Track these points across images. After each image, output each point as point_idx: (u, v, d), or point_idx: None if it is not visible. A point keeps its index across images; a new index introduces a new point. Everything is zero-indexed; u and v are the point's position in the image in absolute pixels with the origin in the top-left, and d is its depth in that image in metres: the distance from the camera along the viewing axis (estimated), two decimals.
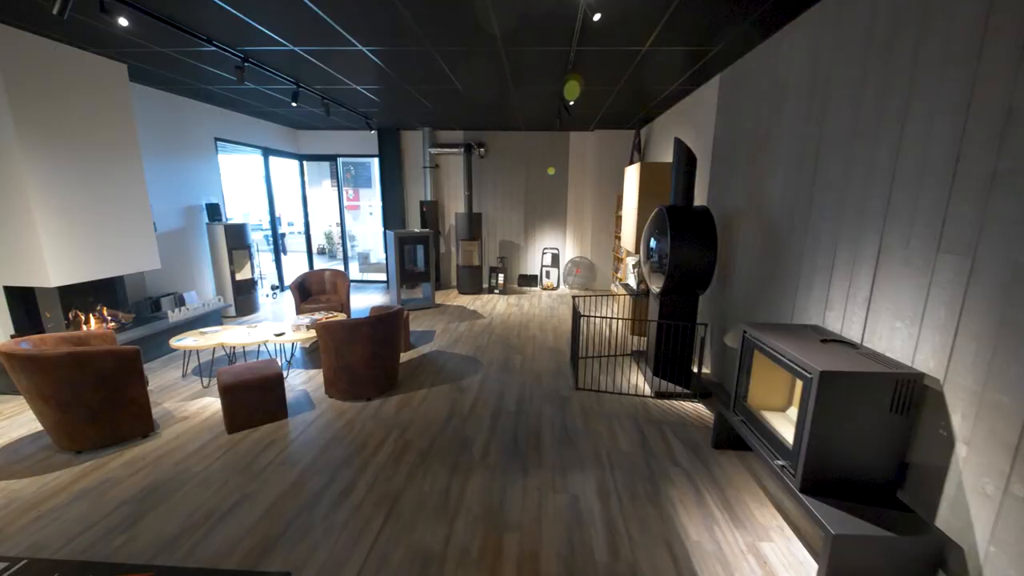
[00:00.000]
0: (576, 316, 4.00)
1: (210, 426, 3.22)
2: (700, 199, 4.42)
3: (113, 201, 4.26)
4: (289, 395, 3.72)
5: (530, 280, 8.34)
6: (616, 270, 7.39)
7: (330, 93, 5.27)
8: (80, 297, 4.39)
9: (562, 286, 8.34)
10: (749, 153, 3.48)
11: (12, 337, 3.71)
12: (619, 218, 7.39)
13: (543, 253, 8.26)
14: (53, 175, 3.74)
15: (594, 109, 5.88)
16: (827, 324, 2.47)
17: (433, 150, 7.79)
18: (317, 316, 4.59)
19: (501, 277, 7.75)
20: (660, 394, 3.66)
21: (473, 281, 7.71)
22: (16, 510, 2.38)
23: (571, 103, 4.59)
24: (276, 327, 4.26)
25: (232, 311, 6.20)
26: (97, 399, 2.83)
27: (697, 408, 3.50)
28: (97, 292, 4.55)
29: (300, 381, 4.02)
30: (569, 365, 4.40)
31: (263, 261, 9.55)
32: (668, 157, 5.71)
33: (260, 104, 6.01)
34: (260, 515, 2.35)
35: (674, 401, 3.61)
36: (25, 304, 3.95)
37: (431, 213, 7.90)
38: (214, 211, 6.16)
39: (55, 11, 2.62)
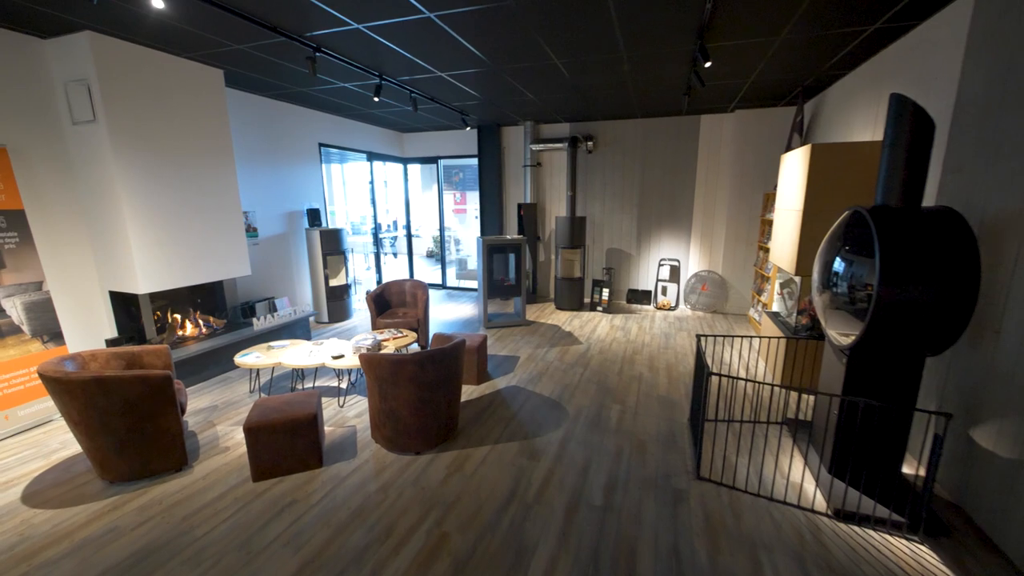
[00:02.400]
0: (703, 371, 2.77)
1: (240, 467, 2.79)
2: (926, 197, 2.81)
3: (205, 208, 4.25)
4: (335, 432, 3.19)
5: (641, 297, 7.02)
6: (759, 292, 5.72)
7: (416, 85, 4.76)
8: (179, 301, 4.51)
9: (682, 305, 6.86)
10: None
11: (107, 342, 3.81)
12: (766, 223, 5.71)
13: (659, 265, 6.87)
14: (145, 184, 3.76)
15: (739, 77, 4.44)
16: None
17: (535, 146, 6.97)
18: (384, 336, 4.07)
19: (606, 292, 6.60)
20: (844, 514, 2.26)
21: (573, 295, 6.70)
22: (14, 558, 2.11)
23: (707, 64, 3.32)
24: (340, 346, 3.82)
25: (324, 317, 6.15)
26: (124, 428, 2.54)
27: (919, 555, 2.04)
28: (197, 296, 4.66)
29: (354, 413, 3.48)
30: (688, 430, 3.16)
31: (372, 264, 9.83)
32: (852, 136, 4.02)
33: (357, 105, 5.82)
34: None
35: (871, 532, 2.19)
36: (127, 308, 4.09)
37: (529, 217, 7.10)
38: (315, 216, 6.16)
39: None
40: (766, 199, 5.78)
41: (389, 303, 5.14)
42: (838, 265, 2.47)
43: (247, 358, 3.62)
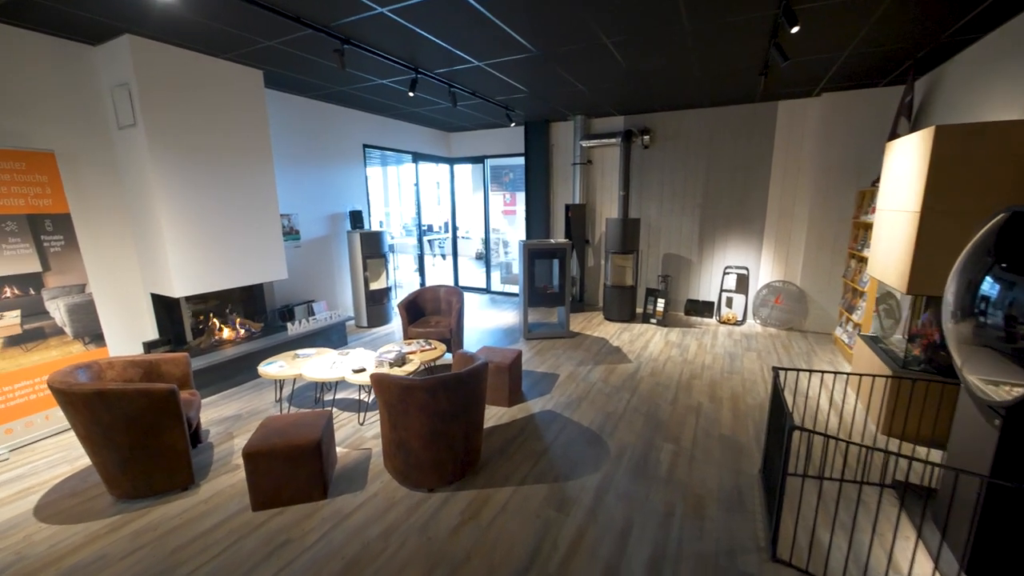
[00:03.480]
0: (780, 414, 2.17)
1: (245, 491, 2.59)
2: None
3: (242, 211, 4.20)
4: (348, 456, 2.92)
5: (702, 308, 6.26)
6: (849, 309, 4.82)
7: (455, 78, 4.45)
8: (220, 303, 4.51)
9: (750, 320, 6.03)
10: None
11: (144, 345, 3.84)
12: (860, 226, 4.81)
13: (725, 273, 6.09)
14: (181, 186, 3.73)
15: (832, 50, 3.68)
16: None
17: (586, 142, 6.45)
18: (410, 347, 3.79)
19: (661, 303, 5.94)
20: None
21: (624, 305, 6.10)
22: None
23: (794, 30, 2.68)
24: (364, 358, 3.58)
25: (364, 321, 6.04)
26: (127, 444, 2.42)
27: None
28: (237, 298, 4.65)
29: (373, 433, 3.21)
30: (759, 487, 2.55)
31: (426, 266, 9.75)
32: (985, 117, 3.16)
33: (400, 104, 5.64)
34: None
35: None
36: (168, 310, 4.12)
37: (577, 219, 6.59)
38: (357, 219, 6.07)
39: None
40: (860, 198, 4.87)
41: (423, 310, 4.88)
42: (989, 287, 1.79)
43: (271, 367, 3.47)
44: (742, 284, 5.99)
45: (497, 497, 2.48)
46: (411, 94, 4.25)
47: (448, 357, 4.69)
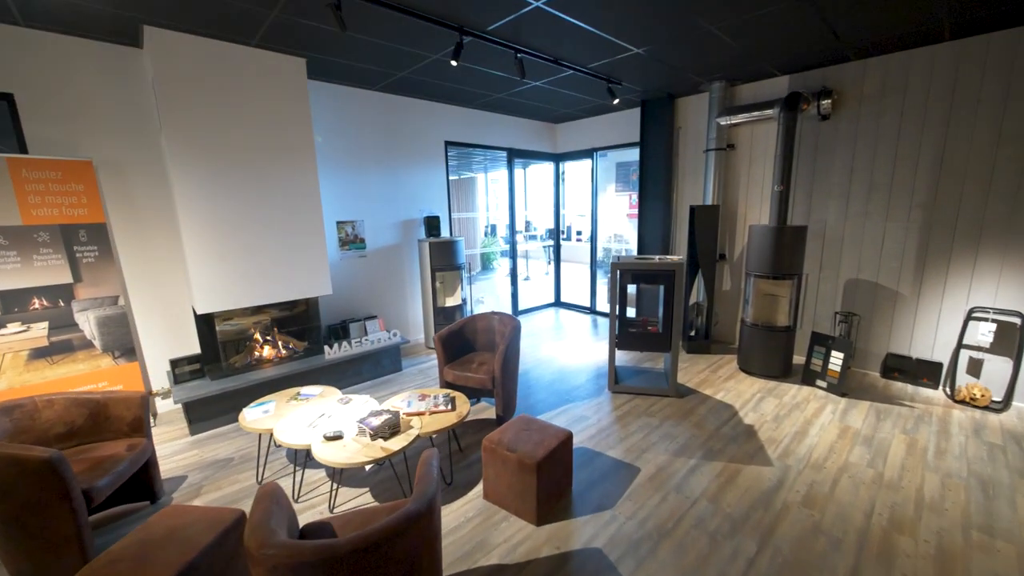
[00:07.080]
0: None
1: None
2: None
3: (277, 221, 3.71)
4: None
5: (918, 372, 3.86)
6: None
7: (519, 38, 3.28)
8: (268, 317, 4.17)
9: (1021, 403, 3.47)
10: None
11: (170, 362, 3.58)
12: None
13: (969, 318, 3.63)
14: (204, 192, 3.35)
15: None
16: None
17: (726, 118, 4.61)
18: (419, 406, 2.77)
19: (838, 357, 3.79)
20: None
21: (772, 354, 4.11)
22: None
23: None
24: (351, 416, 2.68)
25: (432, 342, 5.28)
26: (3, 517, 1.90)
27: None
28: (286, 313, 4.27)
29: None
30: None
31: (533, 272, 8.78)
32: None
33: (481, 90, 4.71)
34: None
35: None
36: (207, 324, 3.87)
37: (706, 224, 4.77)
38: (433, 225, 5.36)
39: None
40: None
41: (472, 344, 3.83)
42: None
43: (251, 413, 2.80)
44: (1006, 339, 3.47)
45: None
46: (454, 63, 3.21)
47: (491, 403, 3.59)
